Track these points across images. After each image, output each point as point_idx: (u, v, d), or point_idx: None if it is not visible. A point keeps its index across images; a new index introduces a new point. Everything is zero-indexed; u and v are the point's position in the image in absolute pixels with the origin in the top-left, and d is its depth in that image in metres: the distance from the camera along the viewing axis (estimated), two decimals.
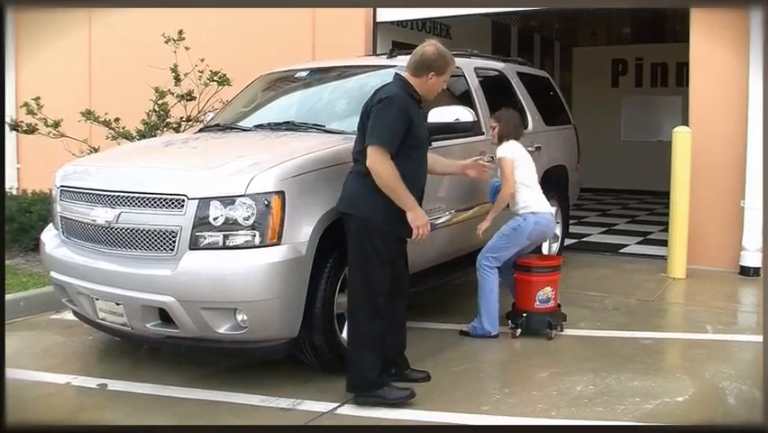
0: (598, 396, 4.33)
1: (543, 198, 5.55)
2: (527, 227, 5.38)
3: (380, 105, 4.04)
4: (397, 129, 4.00)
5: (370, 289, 4.09)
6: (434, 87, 4.26)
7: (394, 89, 4.13)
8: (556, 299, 5.47)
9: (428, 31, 10.44)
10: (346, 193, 4.19)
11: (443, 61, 4.21)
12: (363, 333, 4.12)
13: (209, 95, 8.14)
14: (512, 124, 5.66)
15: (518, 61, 8.05)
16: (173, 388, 4.48)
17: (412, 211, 4.07)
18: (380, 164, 3.97)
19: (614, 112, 15.08)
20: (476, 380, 4.63)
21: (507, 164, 5.42)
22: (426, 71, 4.19)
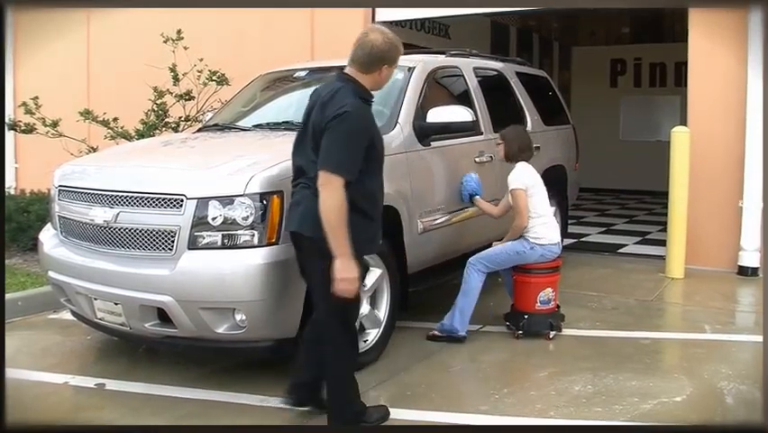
0: (597, 396, 4.33)
1: (554, 226, 5.47)
2: (532, 256, 5.31)
3: (338, 122, 3.48)
4: (357, 152, 3.50)
5: (346, 318, 3.74)
6: (385, 80, 3.78)
7: (349, 98, 3.55)
8: (556, 300, 5.47)
9: (427, 30, 10.45)
10: (308, 214, 3.60)
11: (395, 50, 3.71)
12: (344, 364, 3.81)
13: (208, 94, 8.14)
14: (516, 145, 5.47)
15: (517, 61, 8.06)
16: (171, 388, 4.47)
17: (344, 259, 3.45)
18: (330, 194, 3.43)
19: (613, 112, 15.10)
20: (475, 380, 4.63)
21: (520, 196, 5.28)
22: (379, 65, 3.68)
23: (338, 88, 3.64)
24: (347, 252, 3.45)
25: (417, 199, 5.21)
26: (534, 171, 5.45)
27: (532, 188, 5.32)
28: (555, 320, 5.42)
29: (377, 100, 5.63)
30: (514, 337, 5.37)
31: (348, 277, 3.46)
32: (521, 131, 5.69)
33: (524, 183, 5.30)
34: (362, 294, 4.60)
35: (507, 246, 5.35)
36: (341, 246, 3.44)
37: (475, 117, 5.74)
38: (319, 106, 3.64)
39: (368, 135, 3.55)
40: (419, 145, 5.32)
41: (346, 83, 3.67)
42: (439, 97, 5.83)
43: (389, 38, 3.68)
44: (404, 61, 5.90)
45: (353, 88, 3.63)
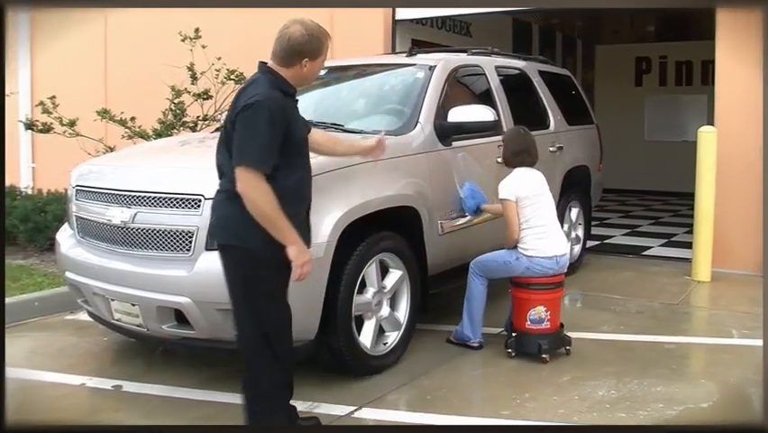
0: (621, 401, 4.25)
1: (551, 239, 4.95)
2: (518, 268, 4.91)
3: (247, 114, 3.27)
4: (271, 143, 3.26)
5: (265, 333, 3.45)
6: (310, 74, 3.53)
7: (262, 88, 3.34)
8: (554, 320, 4.96)
9: (448, 29, 10.37)
10: (220, 220, 3.46)
11: (317, 42, 3.46)
12: (266, 392, 3.52)
13: (226, 93, 8.09)
14: (510, 150, 5.09)
15: (540, 60, 7.98)
16: (188, 390, 4.44)
17: (294, 246, 3.32)
18: (253, 190, 3.23)
19: (637, 111, 14.93)
20: (496, 384, 4.56)
21: (509, 207, 4.92)
22: (299, 59, 3.43)
23: (254, 80, 3.46)
24: (296, 237, 3.33)
25: (438, 200, 5.15)
26: (531, 180, 5.02)
27: (525, 198, 4.91)
28: (549, 343, 4.91)
29: (396, 99, 5.69)
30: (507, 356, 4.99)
31: (303, 260, 3.35)
32: (519, 133, 5.21)
33: (513, 194, 4.91)
34: (374, 297, 4.56)
35: (498, 254, 5.04)
36: (287, 234, 3.30)
37: (497, 117, 5.66)
38: (234, 99, 3.46)
39: (281, 126, 3.28)
40: (440, 145, 5.26)
41: (264, 74, 3.46)
42: (460, 97, 5.76)
43: (309, 30, 3.46)
44: (425, 60, 5.90)
45: (271, 80, 3.41)
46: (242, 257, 3.39)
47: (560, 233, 5.10)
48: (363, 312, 4.55)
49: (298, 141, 3.43)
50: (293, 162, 3.39)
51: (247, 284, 3.41)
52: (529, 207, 4.92)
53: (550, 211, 5.05)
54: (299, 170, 3.46)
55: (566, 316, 6.11)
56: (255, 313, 3.43)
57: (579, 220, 7.54)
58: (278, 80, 3.42)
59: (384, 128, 5.22)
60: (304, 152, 3.51)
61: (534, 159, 5.11)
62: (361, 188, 4.49)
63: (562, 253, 4.98)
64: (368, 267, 4.50)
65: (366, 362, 4.56)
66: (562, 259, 4.97)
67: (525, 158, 5.06)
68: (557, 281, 4.98)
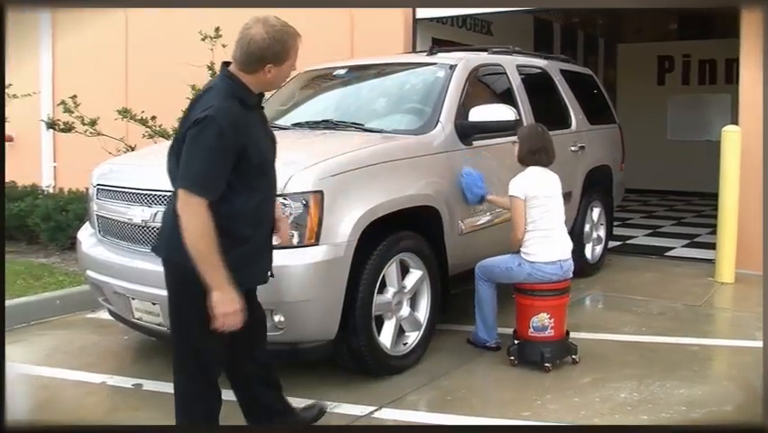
0: (643, 403, 4.21)
1: (556, 244, 4.79)
2: (520, 275, 4.76)
3: (196, 130, 2.90)
4: (219, 168, 2.91)
5: (201, 357, 3.17)
6: (276, 81, 3.16)
7: (216, 100, 2.96)
8: (559, 328, 4.77)
9: (469, 27, 10.33)
10: (165, 233, 3.15)
11: (281, 46, 3.06)
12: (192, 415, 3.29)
13: None
14: (526, 148, 4.90)
15: (561, 58, 7.94)
16: None
17: (218, 291, 2.91)
18: (189, 217, 2.88)
19: (660, 110, 14.80)
20: (517, 385, 4.52)
21: (516, 205, 4.75)
22: (260, 65, 3.05)
23: (211, 87, 3.12)
24: (223, 282, 2.91)
25: (459, 200, 5.12)
26: (544, 180, 4.85)
27: (534, 198, 4.74)
28: (552, 352, 4.73)
29: (417, 98, 5.67)
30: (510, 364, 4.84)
31: (228, 311, 2.93)
32: (535, 131, 5.03)
33: (523, 192, 4.74)
34: (394, 298, 4.55)
35: (501, 259, 4.90)
36: (215, 277, 2.90)
37: (518, 116, 5.62)
38: (189, 106, 3.13)
39: (236, 145, 2.92)
40: (461, 145, 5.23)
41: (224, 80, 3.09)
42: (481, 96, 5.73)
43: (272, 32, 3.06)
44: (445, 59, 5.87)
45: (230, 88, 3.04)
46: (180, 275, 3.06)
47: (565, 237, 4.91)
48: (383, 312, 4.53)
49: (259, 160, 3.06)
50: (252, 185, 3.05)
51: (187, 305, 3.09)
52: (537, 208, 4.75)
53: (558, 215, 4.88)
54: (259, 193, 3.10)
55: (587, 317, 6.12)
56: (188, 338, 3.15)
57: (600, 220, 7.49)
58: (237, 88, 3.05)
59: (404, 127, 5.23)
60: (267, 171, 3.15)
61: (550, 159, 4.94)
62: (382, 187, 4.48)
63: (566, 257, 4.81)
64: (388, 267, 4.48)
65: (386, 362, 4.54)
66: (566, 264, 4.80)
67: (541, 157, 4.89)
68: (562, 287, 4.81)
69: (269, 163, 3.18)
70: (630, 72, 15.21)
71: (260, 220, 3.17)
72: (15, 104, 10.24)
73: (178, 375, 3.26)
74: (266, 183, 3.16)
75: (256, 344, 3.48)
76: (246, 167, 2.99)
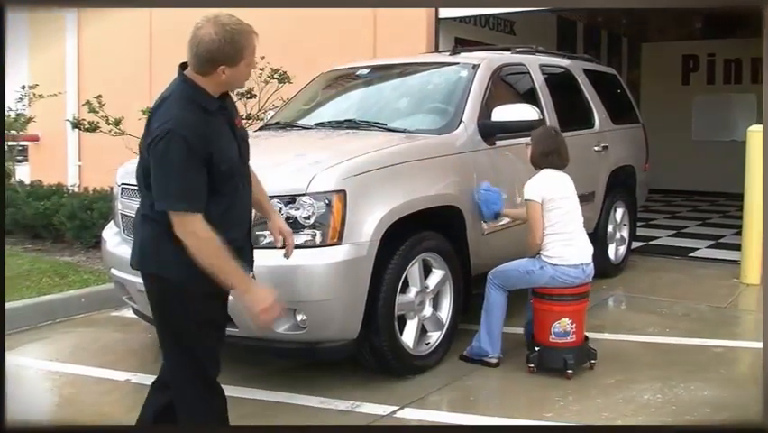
0: (666, 405, 4.18)
1: (577, 246, 4.70)
2: (542, 278, 4.62)
3: (161, 146, 2.73)
4: (196, 179, 2.77)
5: (196, 360, 3.03)
6: (234, 81, 2.95)
7: (175, 110, 2.81)
8: (579, 333, 4.67)
9: (492, 27, 10.30)
10: (141, 245, 3.01)
11: (233, 47, 2.83)
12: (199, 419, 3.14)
13: (269, 92, 8.15)
14: (539, 150, 4.80)
15: (584, 58, 7.90)
16: (230, 387, 4.39)
17: (251, 292, 2.88)
18: (196, 238, 2.76)
19: (684, 110, 14.68)
20: (539, 386, 4.50)
21: (533, 209, 4.64)
22: (213, 67, 2.84)
23: (169, 95, 2.93)
24: (248, 283, 2.90)
25: None
26: (559, 182, 4.75)
27: (551, 201, 4.63)
28: (574, 357, 4.61)
29: (439, 98, 5.66)
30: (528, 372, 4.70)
31: (264, 307, 2.88)
32: (550, 133, 4.93)
33: (539, 194, 4.64)
34: (415, 298, 4.54)
35: (519, 263, 4.74)
36: (238, 282, 2.85)
37: (541, 116, 5.60)
38: (149, 115, 2.96)
39: (201, 154, 2.76)
40: (484, 144, 5.22)
41: (180, 85, 2.92)
42: (504, 95, 5.72)
43: (222, 32, 2.84)
44: (468, 59, 5.86)
45: (187, 94, 2.87)
46: (162, 288, 2.95)
47: (586, 240, 4.81)
48: (406, 312, 4.53)
49: (226, 164, 2.86)
50: (219, 190, 2.87)
51: (172, 314, 2.98)
52: (555, 211, 4.64)
53: (577, 217, 4.77)
54: (228, 197, 2.93)
55: (611, 318, 6.10)
56: (180, 340, 3.00)
57: (624, 221, 7.44)
58: (195, 93, 2.87)
59: (427, 127, 5.23)
60: (235, 173, 2.95)
61: (563, 161, 4.84)
62: (405, 187, 4.48)
63: (588, 261, 4.72)
64: (411, 266, 4.48)
65: (408, 362, 4.54)
66: (589, 267, 4.71)
67: (554, 159, 4.78)
68: (583, 291, 4.71)
69: (237, 167, 2.96)
70: (654, 72, 15.12)
71: (234, 223, 3.01)
72: (41, 104, 10.38)
73: (176, 386, 3.10)
74: (235, 185, 2.96)
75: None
76: (213, 173, 2.83)
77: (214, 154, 2.79)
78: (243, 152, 3.05)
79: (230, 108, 3.04)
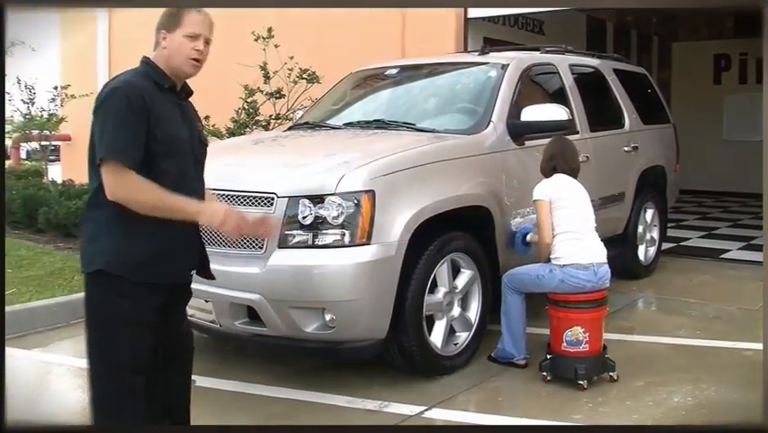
0: (697, 408, 4.15)
1: (584, 245, 4.57)
2: (551, 282, 4.53)
3: (101, 105, 2.77)
4: (132, 130, 2.72)
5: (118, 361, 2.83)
6: (176, 53, 2.89)
7: (123, 77, 2.85)
8: (595, 343, 4.49)
9: (521, 27, 10.27)
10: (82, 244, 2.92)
11: (171, 11, 2.93)
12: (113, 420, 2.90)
13: (298, 92, 8.19)
14: (545, 156, 4.80)
15: (614, 58, 7.85)
16: (259, 386, 4.49)
17: (201, 214, 2.81)
18: (125, 187, 2.70)
19: (716, 110, 14.52)
20: (568, 387, 4.47)
21: (542, 208, 4.60)
22: (157, 34, 2.94)
23: (125, 72, 2.93)
24: (197, 205, 2.81)
25: (511, 200, 5.09)
26: (568, 184, 4.69)
27: (559, 200, 4.58)
28: (586, 368, 4.45)
29: (468, 98, 5.65)
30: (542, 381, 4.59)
31: (221, 219, 2.78)
32: (558, 138, 4.92)
33: (547, 194, 4.60)
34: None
35: (530, 268, 4.68)
36: (186, 209, 2.77)
37: (571, 116, 5.57)
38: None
39: (142, 115, 2.73)
40: (513, 144, 5.20)
41: (140, 65, 2.95)
42: (533, 95, 5.69)
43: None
44: (497, 59, 5.85)
45: (143, 70, 2.90)
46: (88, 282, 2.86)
47: (598, 242, 4.66)
48: (434, 312, 4.53)
49: (167, 138, 2.82)
50: (159, 165, 2.79)
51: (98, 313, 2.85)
52: (563, 210, 4.58)
53: (587, 218, 4.67)
54: (166, 179, 2.78)
55: (641, 319, 6.05)
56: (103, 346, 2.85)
57: (654, 222, 7.38)
58: (151, 71, 2.90)
59: (456, 127, 5.22)
60: (178, 153, 2.87)
61: (570, 166, 4.75)
62: (433, 187, 4.48)
63: (600, 261, 4.55)
64: (439, 267, 4.48)
65: (436, 362, 4.54)
66: (601, 270, 4.53)
67: (560, 163, 4.72)
68: (598, 298, 4.53)
69: (177, 143, 2.87)
70: (685, 71, 14.96)
71: None
72: (73, 104, 10.51)
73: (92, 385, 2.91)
74: (174, 164, 2.85)
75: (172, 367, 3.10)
76: (150, 140, 2.76)
77: (152, 119, 2.76)
78: (196, 151, 3.01)
79: (189, 109, 3.06)
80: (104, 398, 2.88)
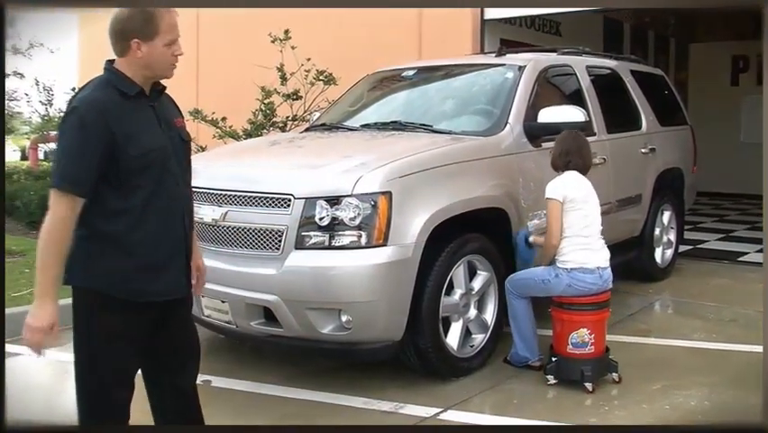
0: (713, 412, 4.13)
1: (591, 250, 4.51)
2: (558, 287, 4.48)
3: (64, 122, 2.64)
4: (85, 160, 2.56)
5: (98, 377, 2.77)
6: (153, 61, 2.71)
7: (86, 92, 2.67)
8: (599, 344, 4.50)
9: (537, 28, 10.24)
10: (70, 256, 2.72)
11: (142, 16, 2.66)
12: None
13: (315, 94, 8.21)
14: (558, 150, 4.67)
15: (631, 59, 7.81)
16: (275, 387, 4.50)
17: (37, 300, 2.60)
18: (51, 215, 2.58)
19: (733, 112, 14.41)
20: (584, 390, 4.46)
21: (554, 208, 4.49)
22: (126, 41, 2.67)
23: (89, 81, 2.76)
24: (44, 290, 2.59)
25: (528, 202, 5.08)
26: (581, 184, 4.60)
27: (572, 201, 4.48)
28: (592, 369, 4.44)
29: (485, 99, 5.64)
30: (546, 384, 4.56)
31: (32, 325, 2.58)
32: (570, 133, 4.78)
33: (561, 194, 4.49)
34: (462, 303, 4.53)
35: (535, 272, 4.64)
36: (39, 281, 2.60)
37: (588, 118, 5.56)
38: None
39: (104, 136, 2.57)
40: (530, 146, 5.19)
41: (104, 73, 2.75)
42: (550, 97, 5.68)
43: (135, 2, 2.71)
44: (514, 60, 5.84)
45: (105, 78, 2.71)
46: (74, 296, 2.77)
47: (603, 246, 4.61)
48: (450, 313, 4.53)
49: (137, 156, 2.64)
50: (131, 181, 2.66)
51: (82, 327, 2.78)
52: (575, 213, 4.49)
53: (595, 222, 4.58)
54: (141, 191, 2.68)
55: (657, 322, 6.03)
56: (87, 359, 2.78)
57: (671, 224, 7.34)
58: (115, 78, 2.70)
59: (473, 128, 5.22)
60: (155, 164, 2.70)
61: (584, 163, 4.67)
62: (450, 189, 4.48)
63: (605, 265, 4.54)
64: (456, 268, 4.48)
65: (452, 363, 4.54)
66: (606, 273, 4.52)
67: (575, 160, 4.62)
68: (602, 300, 4.53)
69: (159, 159, 2.72)
70: (702, 72, 14.87)
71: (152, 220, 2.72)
72: None
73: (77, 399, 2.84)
74: (152, 179, 2.70)
75: (180, 373, 3.06)
76: (123, 159, 2.62)
77: (118, 137, 2.60)
78: (179, 153, 2.85)
79: (164, 104, 2.89)
80: (86, 412, 2.81)
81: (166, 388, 3.02)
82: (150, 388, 3.02)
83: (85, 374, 2.79)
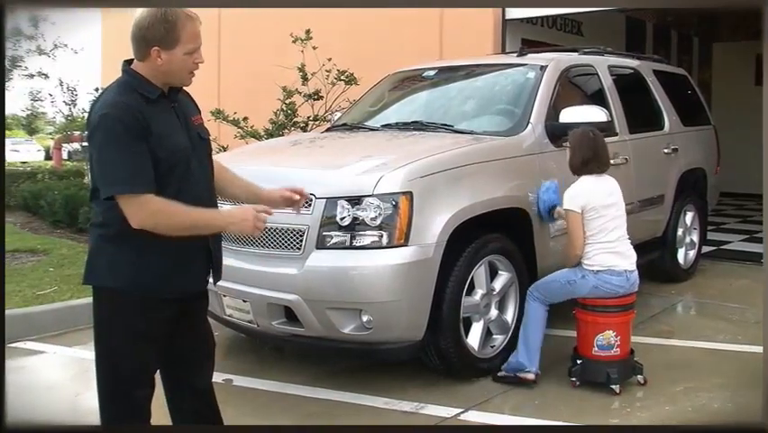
0: (736, 414, 4.09)
1: (618, 252, 4.44)
2: (583, 288, 4.42)
3: (98, 135, 2.64)
4: (136, 160, 2.60)
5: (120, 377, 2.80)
6: (173, 68, 2.75)
7: (110, 96, 2.69)
8: (625, 346, 4.46)
9: (559, 28, 10.21)
10: (90, 258, 2.81)
11: (164, 26, 2.68)
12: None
13: (336, 94, 8.22)
14: (578, 157, 4.53)
15: (654, 59, 7.76)
16: (297, 386, 4.51)
17: (225, 221, 2.80)
18: (147, 215, 2.62)
19: (757, 111, 14.15)
20: (606, 391, 4.43)
21: (574, 219, 4.42)
22: (147, 48, 2.69)
23: (110, 85, 2.80)
24: (220, 218, 2.80)
25: None
26: (601, 189, 4.50)
27: (592, 210, 4.40)
28: (618, 371, 4.40)
29: (507, 99, 5.63)
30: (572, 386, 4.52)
31: (250, 224, 2.75)
32: (586, 137, 4.57)
33: (579, 204, 4.41)
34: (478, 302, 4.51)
35: (560, 274, 4.55)
36: (211, 223, 2.78)
37: (610, 118, 5.53)
38: (90, 107, 2.88)
39: (139, 138, 2.62)
40: (551, 146, 5.16)
41: (122, 76, 2.78)
42: (572, 97, 5.66)
43: (157, 11, 2.69)
44: (535, 60, 5.82)
45: (126, 82, 2.74)
46: (98, 298, 2.81)
47: (630, 248, 4.54)
48: (471, 314, 4.53)
49: (164, 158, 2.69)
50: (162, 180, 2.69)
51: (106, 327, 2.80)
52: (597, 220, 4.41)
53: (621, 224, 4.51)
54: (169, 189, 2.70)
55: (680, 323, 5.98)
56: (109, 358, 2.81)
57: (694, 225, 7.29)
58: (136, 83, 2.73)
59: (494, 128, 5.21)
60: (179, 164, 2.75)
61: (604, 165, 4.57)
62: (471, 189, 4.47)
63: (633, 268, 4.48)
64: (477, 268, 4.47)
65: (473, 364, 4.53)
66: (633, 275, 4.46)
67: (593, 167, 4.52)
68: (628, 302, 4.49)
69: (183, 159, 2.77)
70: (726, 72, 14.74)
71: None
72: None
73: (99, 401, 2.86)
74: (178, 176, 2.75)
75: (199, 372, 3.08)
76: (152, 161, 2.67)
77: (150, 140, 2.65)
78: (199, 151, 2.88)
79: (182, 102, 2.91)
80: (108, 411, 2.84)
81: (185, 388, 3.04)
82: (168, 388, 3.05)
83: (106, 373, 2.82)
